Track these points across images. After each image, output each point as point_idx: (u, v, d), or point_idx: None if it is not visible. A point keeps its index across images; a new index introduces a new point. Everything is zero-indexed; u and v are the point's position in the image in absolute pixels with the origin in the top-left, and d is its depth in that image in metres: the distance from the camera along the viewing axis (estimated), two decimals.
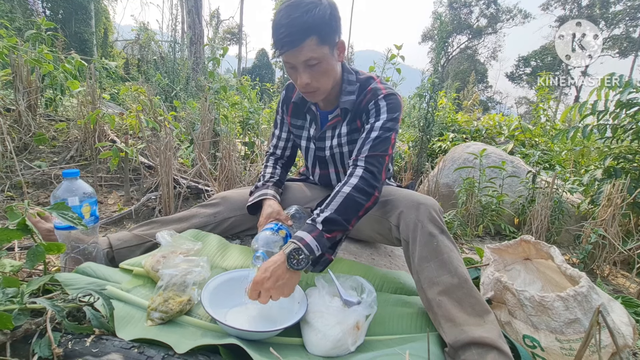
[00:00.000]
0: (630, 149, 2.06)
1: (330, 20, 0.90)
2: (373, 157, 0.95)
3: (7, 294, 0.64)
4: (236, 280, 0.91)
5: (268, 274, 0.79)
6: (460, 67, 26.50)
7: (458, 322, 0.76)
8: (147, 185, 2.06)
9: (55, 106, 2.61)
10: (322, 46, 0.91)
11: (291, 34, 0.88)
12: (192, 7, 6.66)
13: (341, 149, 1.13)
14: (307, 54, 0.90)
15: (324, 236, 0.84)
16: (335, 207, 0.88)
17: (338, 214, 0.87)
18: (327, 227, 0.85)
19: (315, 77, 0.95)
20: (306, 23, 0.87)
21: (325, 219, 0.86)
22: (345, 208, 0.88)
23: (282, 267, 0.80)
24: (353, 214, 0.89)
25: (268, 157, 1.29)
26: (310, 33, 0.88)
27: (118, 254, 1.03)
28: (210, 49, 3.18)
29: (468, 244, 2.12)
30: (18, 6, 8.47)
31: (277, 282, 0.79)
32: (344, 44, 0.99)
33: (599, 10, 20.60)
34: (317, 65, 0.93)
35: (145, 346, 0.66)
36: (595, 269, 1.80)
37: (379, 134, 0.98)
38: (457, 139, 4.07)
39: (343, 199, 0.89)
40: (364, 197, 0.90)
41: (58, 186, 0.91)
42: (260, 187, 1.14)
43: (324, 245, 0.84)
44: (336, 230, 0.86)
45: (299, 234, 0.84)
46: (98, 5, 12.21)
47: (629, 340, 0.85)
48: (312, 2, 0.88)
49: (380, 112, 1.00)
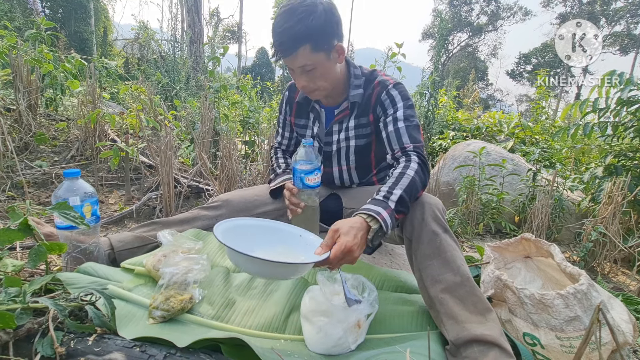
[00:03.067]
0: (631, 147, 2.06)
1: (325, 26, 0.91)
2: (418, 147, 0.97)
3: (10, 294, 0.65)
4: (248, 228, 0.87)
5: (358, 240, 0.76)
6: (460, 65, 26.44)
7: (460, 320, 0.76)
8: (148, 185, 2.07)
9: (55, 106, 2.61)
10: (316, 53, 0.93)
11: (283, 43, 0.91)
12: (191, 6, 6.64)
13: (348, 142, 1.14)
14: (301, 61, 0.93)
15: (394, 215, 0.81)
16: (404, 187, 0.84)
17: (407, 195, 0.84)
18: (398, 207, 0.82)
19: (311, 80, 0.99)
20: (299, 32, 0.89)
21: (399, 198, 0.83)
22: (411, 190, 0.86)
23: (365, 236, 0.79)
24: (414, 198, 0.87)
25: (276, 150, 1.33)
26: (302, 42, 0.90)
27: (119, 256, 1.04)
28: (210, 47, 3.18)
29: (468, 242, 2.12)
30: (17, 5, 8.46)
31: (361, 251, 0.78)
32: (342, 47, 1.00)
33: (599, 7, 20.52)
34: (313, 70, 0.96)
35: (147, 345, 0.67)
36: (596, 266, 1.80)
37: (408, 124, 1.00)
38: (457, 137, 4.07)
39: (409, 180, 0.86)
40: (421, 183, 0.89)
41: (59, 186, 0.91)
42: (280, 173, 1.20)
43: (393, 225, 0.81)
44: (402, 212, 0.84)
45: (374, 208, 0.81)
46: (97, 4, 12.20)
47: (629, 337, 0.85)
48: (306, 9, 0.89)
49: (395, 102, 1.03)
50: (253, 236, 0.86)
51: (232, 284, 0.92)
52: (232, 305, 0.85)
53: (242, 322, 0.81)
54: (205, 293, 0.86)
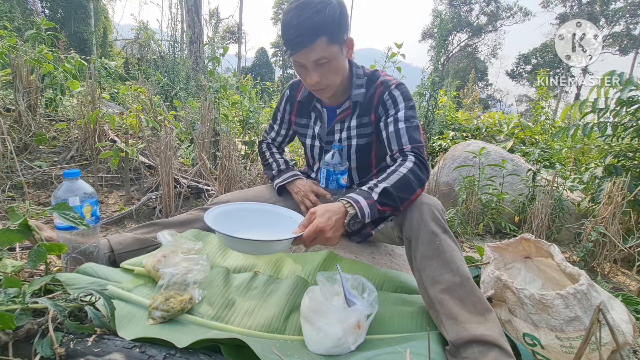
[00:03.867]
0: (631, 147, 2.06)
1: (340, 19, 0.92)
2: (417, 147, 0.98)
3: (9, 294, 0.65)
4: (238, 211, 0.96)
5: (332, 223, 0.81)
6: (460, 65, 26.45)
7: (460, 320, 0.76)
8: (148, 185, 2.07)
9: (55, 106, 2.61)
10: (332, 45, 0.93)
11: (302, 35, 0.90)
12: (191, 6, 6.64)
13: (350, 141, 1.14)
14: (318, 53, 0.92)
15: (376, 206, 0.85)
16: (393, 182, 0.88)
17: (394, 189, 0.87)
18: (382, 199, 0.86)
19: (324, 75, 0.98)
20: (317, 23, 0.88)
21: (382, 190, 0.86)
22: (401, 185, 0.88)
23: (341, 221, 0.83)
24: (406, 195, 0.88)
25: (269, 145, 1.33)
26: (320, 33, 0.89)
27: (119, 258, 1.03)
28: (210, 48, 3.18)
29: (468, 242, 2.12)
30: (17, 6, 8.46)
31: (334, 233, 0.82)
32: (352, 40, 1.01)
33: (599, 7, 20.54)
34: (327, 64, 0.96)
35: (147, 345, 0.67)
36: (596, 266, 1.80)
37: (408, 125, 1.01)
38: (457, 137, 4.07)
39: (400, 177, 0.89)
40: (417, 181, 0.90)
41: (59, 186, 0.91)
42: (284, 170, 1.21)
43: (373, 215, 0.85)
44: (388, 206, 0.86)
45: (355, 196, 0.86)
46: (97, 5, 12.20)
47: (629, 337, 0.85)
48: (322, 1, 0.89)
49: (397, 102, 1.04)
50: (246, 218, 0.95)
51: (232, 285, 0.92)
52: (231, 306, 0.85)
53: (242, 322, 0.81)
54: (205, 293, 0.85)
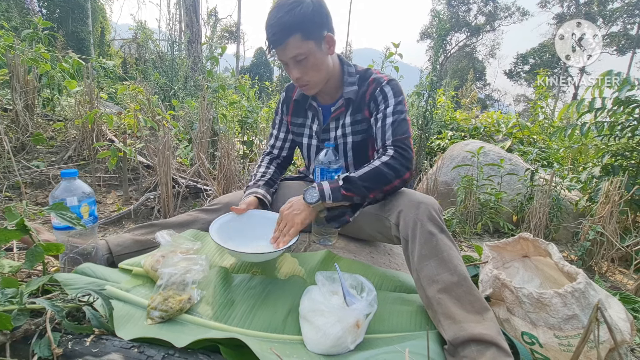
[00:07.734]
0: (628, 146, 2.07)
1: (313, 16, 0.96)
2: (399, 140, 1.02)
3: (7, 295, 0.64)
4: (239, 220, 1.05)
5: (289, 204, 0.99)
6: (458, 65, 26.50)
7: (457, 320, 0.76)
8: (146, 185, 2.06)
9: (52, 106, 2.60)
10: (306, 42, 0.97)
11: (276, 33, 0.96)
12: (189, 6, 6.63)
13: (345, 139, 1.15)
14: (292, 50, 0.97)
15: (340, 191, 0.95)
16: (360, 174, 0.97)
17: (360, 179, 0.96)
18: (346, 185, 0.96)
19: (304, 71, 1.02)
20: (288, 22, 0.94)
21: (345, 177, 0.97)
22: (370, 177, 0.96)
23: (300, 200, 0.99)
24: (376, 186, 0.96)
25: (263, 157, 1.30)
26: (293, 31, 0.95)
27: (118, 260, 1.03)
28: (209, 47, 3.17)
29: (467, 242, 2.13)
30: (14, 5, 8.41)
31: (293, 211, 0.97)
32: (332, 37, 1.04)
33: (596, 7, 20.61)
34: (305, 60, 1.00)
35: (146, 346, 0.67)
36: (594, 265, 1.81)
37: (394, 119, 1.04)
38: (455, 137, 4.08)
39: (370, 169, 0.97)
40: (392, 173, 0.96)
41: (56, 186, 0.91)
42: (251, 186, 1.18)
43: (336, 198, 0.95)
44: (353, 192, 0.96)
45: (321, 182, 0.98)
46: (95, 4, 12.15)
47: (627, 336, 0.85)
48: (294, 1, 0.95)
49: (387, 98, 1.07)
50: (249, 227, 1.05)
51: (230, 285, 0.92)
52: (230, 306, 0.85)
53: (241, 322, 0.81)
54: (203, 293, 0.85)
